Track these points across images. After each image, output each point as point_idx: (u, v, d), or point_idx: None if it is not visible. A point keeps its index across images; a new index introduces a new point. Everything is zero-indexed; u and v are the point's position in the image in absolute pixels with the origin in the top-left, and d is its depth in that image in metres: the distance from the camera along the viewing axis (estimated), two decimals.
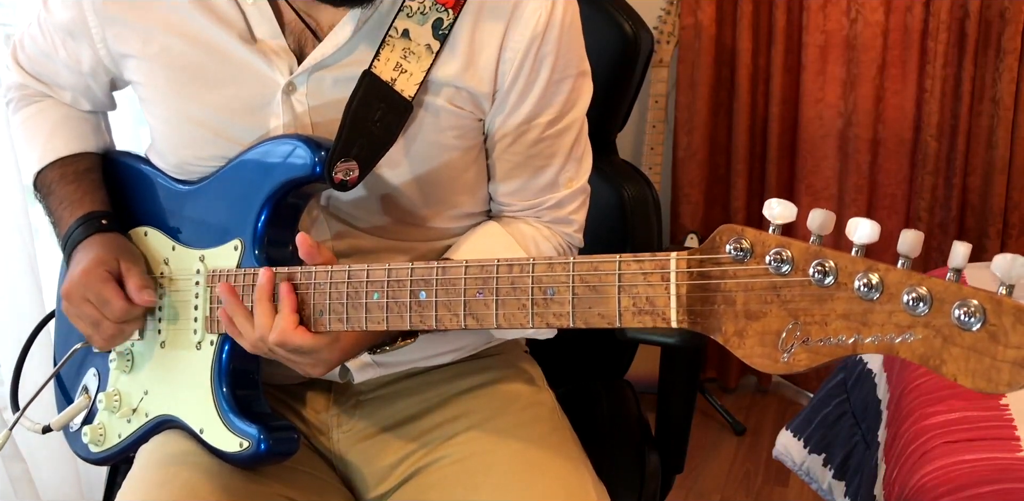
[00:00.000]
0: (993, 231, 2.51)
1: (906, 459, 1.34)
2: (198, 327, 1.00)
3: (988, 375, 0.53)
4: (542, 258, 0.74)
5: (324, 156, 0.92)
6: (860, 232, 0.59)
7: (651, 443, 1.24)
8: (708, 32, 2.59)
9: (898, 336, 0.57)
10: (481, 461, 1.01)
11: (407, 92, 0.95)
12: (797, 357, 0.61)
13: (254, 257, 0.96)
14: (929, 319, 0.55)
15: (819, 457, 1.78)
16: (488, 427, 1.04)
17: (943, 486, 1.20)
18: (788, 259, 0.61)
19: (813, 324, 0.60)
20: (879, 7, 2.47)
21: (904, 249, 0.57)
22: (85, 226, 1.06)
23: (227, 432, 0.97)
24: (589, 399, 1.31)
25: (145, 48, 1.02)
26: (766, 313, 0.62)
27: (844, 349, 0.59)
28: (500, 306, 0.76)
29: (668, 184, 2.75)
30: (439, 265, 0.80)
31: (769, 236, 0.62)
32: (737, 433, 2.57)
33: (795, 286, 0.61)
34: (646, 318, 0.68)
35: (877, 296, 0.57)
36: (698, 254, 0.65)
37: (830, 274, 0.59)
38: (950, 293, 0.55)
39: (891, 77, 2.51)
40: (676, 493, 1.29)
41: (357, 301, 0.85)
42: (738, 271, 0.63)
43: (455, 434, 1.05)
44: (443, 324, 0.80)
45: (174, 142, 1.06)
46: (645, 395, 1.38)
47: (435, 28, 0.96)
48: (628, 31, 1.22)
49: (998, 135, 2.45)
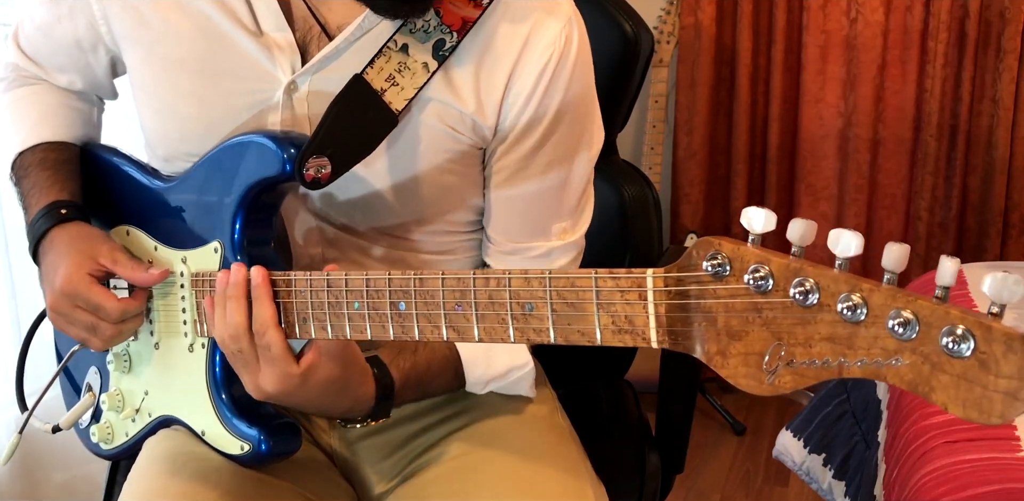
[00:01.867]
0: (993, 231, 2.51)
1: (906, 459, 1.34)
2: (188, 330, 0.99)
3: (979, 405, 0.50)
4: (517, 271, 0.72)
5: (294, 154, 0.90)
6: (843, 245, 0.55)
7: (651, 443, 1.24)
8: (708, 32, 2.59)
9: (885, 361, 0.54)
10: (479, 459, 1.01)
11: (395, 105, 0.93)
12: (782, 379, 0.58)
13: (235, 259, 0.94)
14: (916, 344, 0.52)
15: (819, 457, 1.78)
16: (487, 425, 1.04)
17: (943, 486, 1.20)
18: (768, 276, 0.57)
19: (797, 345, 0.57)
20: (879, 7, 2.47)
21: (889, 264, 0.54)
22: (47, 217, 1.02)
23: (228, 435, 0.96)
24: (589, 399, 1.31)
25: (144, 32, 1.00)
26: (748, 333, 0.59)
27: (829, 372, 0.56)
28: (480, 320, 0.74)
29: (668, 184, 2.75)
30: (416, 276, 0.78)
31: (748, 250, 0.59)
32: (737, 433, 2.57)
33: (777, 306, 0.58)
34: (626, 337, 0.66)
35: (862, 318, 0.54)
36: (675, 271, 0.62)
37: (812, 293, 0.56)
38: (937, 317, 0.51)
39: (891, 77, 2.51)
40: (676, 493, 1.29)
41: (339, 310, 0.83)
42: (718, 289, 0.60)
43: (454, 432, 1.05)
44: (425, 336, 0.78)
45: (162, 134, 1.04)
46: (645, 395, 1.38)
47: (436, 48, 0.94)
48: (628, 31, 1.22)
49: (998, 135, 2.45)
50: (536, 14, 0.96)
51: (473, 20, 0.95)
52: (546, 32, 0.96)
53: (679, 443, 1.24)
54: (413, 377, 0.97)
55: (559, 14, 0.97)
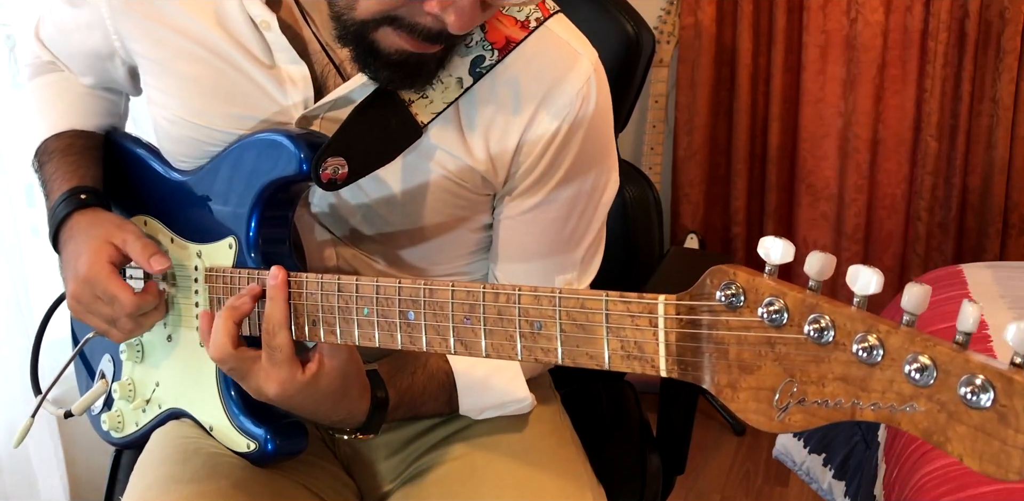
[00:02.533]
0: (993, 231, 2.51)
1: (906, 459, 1.34)
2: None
3: (997, 460, 0.48)
4: (527, 288, 0.71)
5: (311, 154, 0.89)
6: (862, 282, 0.53)
7: (652, 444, 1.24)
8: (708, 32, 2.59)
9: (899, 406, 0.51)
10: (480, 461, 1.01)
11: (421, 118, 0.92)
12: (792, 417, 0.56)
13: (249, 257, 0.95)
14: (933, 391, 0.50)
15: (819, 457, 1.78)
16: (489, 427, 1.04)
17: (943, 486, 1.20)
18: (783, 310, 0.56)
19: (810, 384, 0.55)
20: (879, 7, 2.47)
21: (910, 305, 0.52)
22: (67, 202, 1.02)
23: (235, 432, 0.97)
24: (590, 400, 1.31)
25: (156, 51, 1.00)
26: (760, 367, 0.58)
27: (842, 413, 0.54)
28: (488, 335, 0.73)
29: (668, 184, 2.75)
30: (426, 286, 0.77)
31: (763, 282, 0.57)
32: (737, 433, 2.57)
33: (791, 342, 0.56)
34: (635, 364, 0.65)
35: (878, 361, 0.52)
36: (687, 299, 0.61)
37: (827, 331, 0.54)
38: (956, 365, 0.49)
39: (891, 77, 2.51)
40: (676, 493, 1.28)
41: (348, 316, 0.82)
42: (731, 320, 0.59)
43: (457, 433, 1.05)
44: (433, 348, 0.77)
45: (174, 142, 1.04)
46: (646, 395, 1.38)
47: (474, 64, 0.92)
48: (630, 31, 1.22)
49: (998, 135, 2.45)
50: (555, 72, 0.94)
51: (517, 41, 0.93)
52: (563, 93, 0.93)
53: (680, 444, 1.24)
54: (407, 398, 0.96)
55: (579, 72, 0.94)
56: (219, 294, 0.95)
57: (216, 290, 0.96)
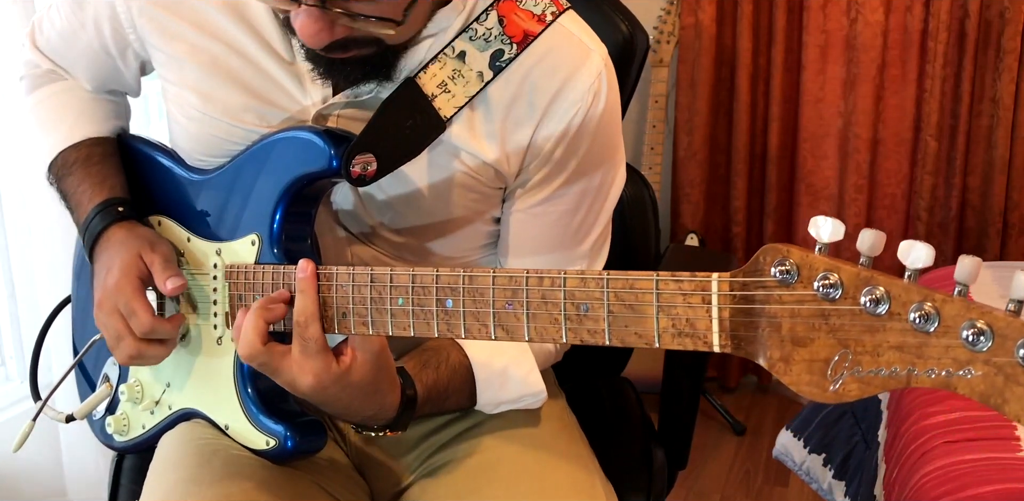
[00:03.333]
0: (993, 231, 2.51)
1: (906, 459, 1.34)
2: (218, 322, 0.99)
3: None
4: (573, 272, 0.72)
5: (342, 150, 0.90)
6: (914, 256, 0.55)
7: (656, 439, 1.24)
8: (708, 32, 2.59)
9: (956, 371, 0.53)
10: (494, 457, 1.01)
11: (444, 112, 0.93)
12: (847, 387, 0.58)
13: (272, 253, 0.94)
14: (990, 355, 0.52)
15: (819, 457, 1.78)
16: (499, 425, 1.04)
17: (943, 486, 1.20)
18: (837, 284, 0.58)
19: (864, 354, 0.57)
20: (879, 7, 2.47)
21: (962, 276, 0.54)
22: (103, 215, 1.02)
23: (253, 430, 0.96)
24: (592, 397, 1.31)
25: (176, 45, 1.00)
26: (814, 340, 0.59)
27: (897, 381, 0.56)
28: (531, 319, 0.73)
29: (668, 184, 2.75)
30: (465, 273, 0.77)
31: (816, 258, 0.59)
32: (737, 433, 2.57)
33: (845, 314, 0.57)
34: (687, 340, 0.65)
35: (933, 328, 0.54)
36: (741, 276, 0.62)
37: (883, 302, 0.56)
38: (1013, 329, 0.51)
39: (891, 77, 2.51)
40: (676, 493, 1.29)
41: (382, 306, 0.82)
42: (784, 295, 0.60)
43: (470, 429, 1.05)
44: (472, 335, 0.77)
45: (192, 140, 1.04)
46: (646, 395, 1.38)
47: (494, 58, 0.93)
48: (624, 31, 1.22)
49: (998, 135, 2.45)
50: (567, 68, 0.96)
51: (535, 34, 0.95)
52: (575, 89, 0.95)
53: (683, 438, 1.24)
54: (434, 393, 0.96)
55: (590, 68, 0.96)
56: (240, 291, 0.95)
57: (237, 286, 0.95)
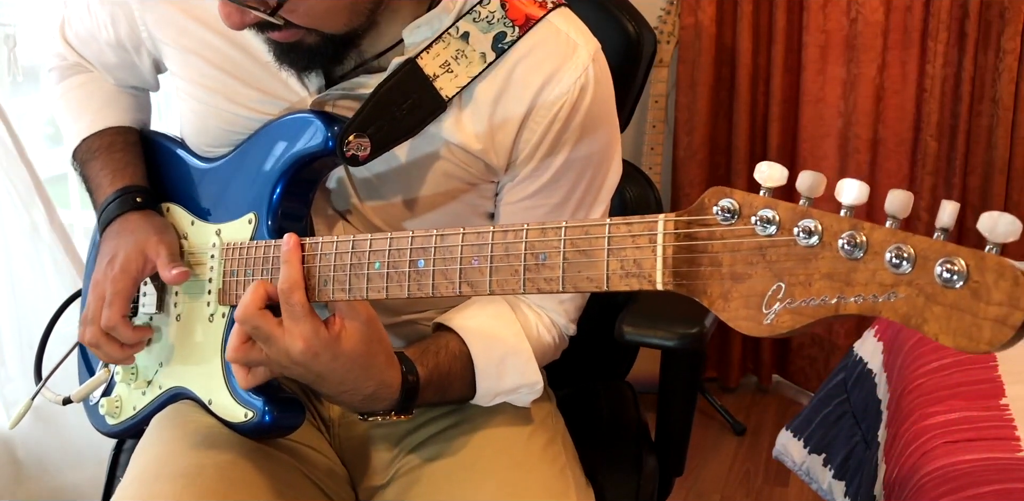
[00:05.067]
0: None
1: (906, 459, 1.34)
2: (211, 299, 1.02)
3: (969, 333, 0.52)
4: (536, 224, 0.74)
5: (337, 131, 0.93)
6: (847, 193, 0.58)
7: (648, 445, 1.24)
8: (708, 32, 2.59)
9: (881, 295, 0.55)
10: (466, 459, 1.02)
11: (446, 92, 0.95)
12: (780, 319, 0.59)
13: (267, 229, 0.98)
14: (912, 277, 0.54)
15: (819, 457, 1.78)
16: (478, 426, 1.06)
17: (943, 486, 1.20)
18: (774, 220, 0.60)
19: (797, 285, 0.59)
20: (879, 7, 2.47)
21: (892, 209, 0.56)
22: (121, 201, 1.07)
23: (233, 403, 0.98)
24: (589, 401, 1.31)
25: (182, 39, 1.04)
26: (751, 275, 0.61)
27: (827, 309, 0.57)
28: (493, 273, 0.76)
29: (668, 184, 2.75)
30: (438, 233, 0.80)
31: (757, 198, 0.61)
32: (737, 433, 2.57)
33: (780, 246, 0.60)
34: (632, 281, 0.67)
35: (861, 255, 0.56)
36: (686, 215, 0.64)
37: (815, 234, 0.58)
38: (934, 250, 0.54)
39: (891, 77, 2.51)
40: (676, 493, 1.28)
41: (360, 271, 0.85)
42: (725, 232, 0.62)
43: (445, 430, 1.06)
44: (439, 291, 0.79)
45: (200, 132, 1.09)
46: (646, 395, 1.38)
47: (496, 40, 0.95)
48: (631, 31, 1.22)
49: (998, 135, 2.45)
50: (553, 62, 0.97)
51: (536, 18, 0.96)
52: (560, 81, 0.96)
53: (679, 447, 1.24)
54: (436, 376, 0.97)
55: (576, 63, 0.97)
56: (233, 266, 0.99)
57: (231, 263, 0.99)
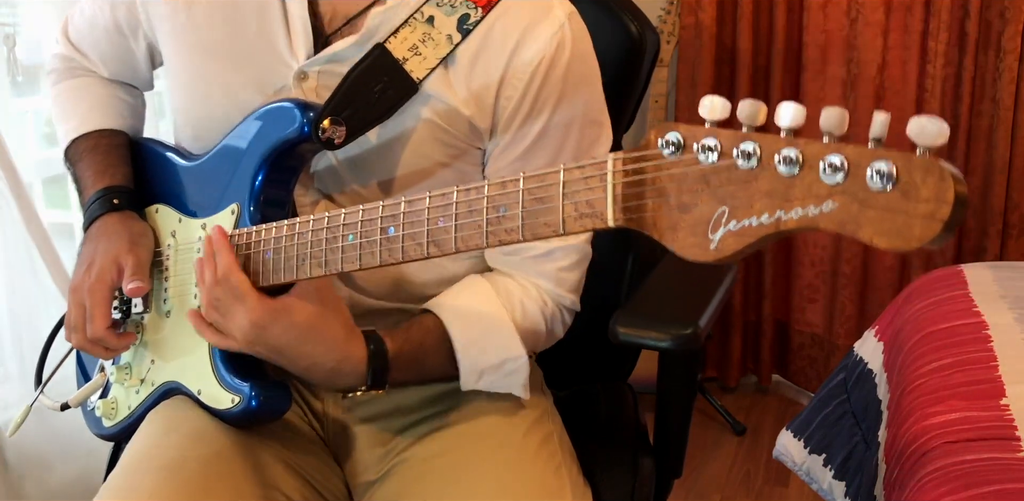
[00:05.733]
0: (993, 231, 2.51)
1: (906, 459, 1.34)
2: (199, 291, 1.02)
3: (901, 233, 0.53)
4: (496, 179, 0.75)
5: (312, 117, 0.95)
6: (784, 116, 0.59)
7: (646, 447, 1.24)
8: (708, 32, 2.59)
9: (818, 207, 0.56)
10: (460, 458, 1.02)
11: (416, 74, 0.97)
12: (725, 242, 0.61)
13: (249, 217, 1.00)
14: (846, 186, 0.55)
15: (819, 457, 1.78)
16: (473, 424, 1.06)
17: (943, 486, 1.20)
18: (716, 147, 0.61)
19: (739, 208, 0.60)
20: (879, 7, 2.47)
21: (827, 126, 0.58)
22: (100, 202, 1.10)
23: (220, 390, 1.00)
24: (588, 402, 1.31)
25: (177, 18, 1.07)
26: (697, 203, 0.62)
27: (767, 228, 0.59)
28: (458, 229, 0.78)
29: None
30: (406, 199, 0.82)
31: (700, 129, 0.62)
32: (737, 433, 2.57)
33: (722, 171, 0.60)
34: (587, 221, 0.69)
35: (797, 171, 0.57)
36: (634, 152, 0.66)
37: (754, 156, 0.59)
38: (863, 156, 0.55)
39: (891, 77, 2.51)
40: (676, 493, 1.28)
41: (335, 245, 0.87)
42: (670, 164, 0.63)
43: (441, 427, 1.06)
44: (408, 255, 0.82)
45: (192, 113, 1.10)
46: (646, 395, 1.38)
47: (460, 22, 0.98)
48: (634, 31, 1.22)
49: (998, 135, 2.45)
50: (529, 19, 0.98)
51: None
52: (537, 38, 0.98)
53: (677, 448, 1.24)
54: (407, 347, 0.99)
55: (552, 20, 0.99)
56: None
57: None
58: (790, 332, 2.78)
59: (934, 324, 1.58)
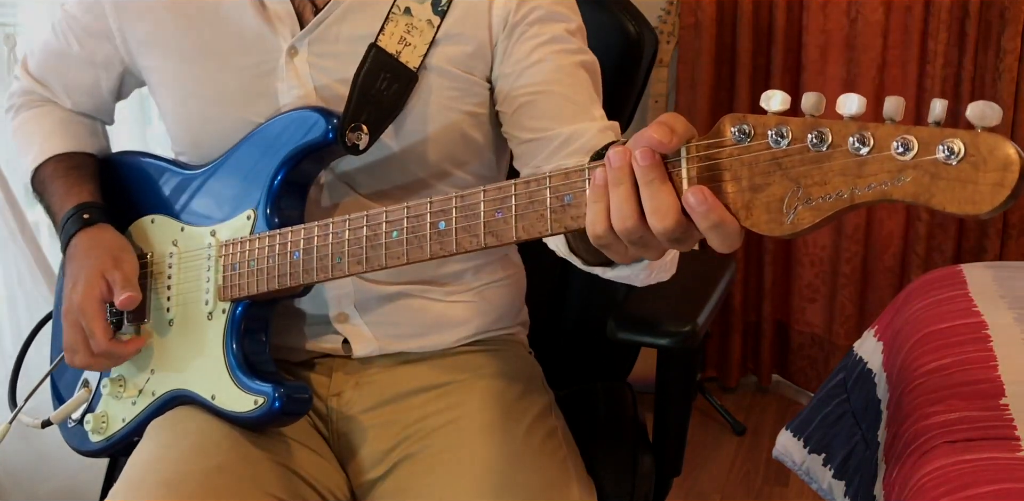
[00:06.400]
0: (993, 231, 2.51)
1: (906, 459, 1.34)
2: (210, 298, 1.03)
3: (972, 199, 0.59)
4: (559, 170, 0.77)
5: (336, 122, 0.98)
6: (849, 105, 0.64)
7: (645, 445, 1.24)
8: (708, 32, 2.59)
9: (891, 180, 0.62)
10: (465, 452, 1.03)
11: (412, 63, 1.02)
12: (800, 216, 0.65)
13: (266, 222, 1.00)
14: (917, 161, 0.61)
15: (819, 457, 1.78)
16: (477, 419, 1.06)
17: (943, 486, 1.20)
18: (787, 134, 0.65)
19: (813, 185, 0.65)
20: (879, 7, 2.47)
21: (890, 113, 0.63)
22: (72, 220, 1.10)
23: (240, 393, 1.00)
24: (588, 401, 1.31)
25: (160, 32, 1.09)
26: (770, 183, 0.66)
27: (843, 201, 0.64)
28: (519, 220, 0.79)
29: None
30: (458, 194, 0.83)
31: (769, 117, 0.67)
32: (737, 433, 2.57)
33: (794, 154, 0.65)
34: None
35: (869, 150, 0.62)
36: (705, 140, 0.70)
37: (826, 139, 0.64)
38: (934, 136, 0.61)
39: (891, 77, 2.51)
40: (676, 492, 1.28)
41: (376, 242, 0.89)
42: (742, 150, 0.68)
43: (445, 424, 1.07)
44: (463, 247, 0.83)
45: (188, 121, 1.11)
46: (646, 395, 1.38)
47: (435, 5, 1.03)
48: (632, 31, 1.22)
49: None
50: None
51: None
52: None
53: (676, 447, 1.24)
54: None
55: None
56: (234, 261, 1.02)
57: (231, 257, 1.02)
58: (790, 332, 2.78)
59: (934, 324, 1.58)
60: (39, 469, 1.76)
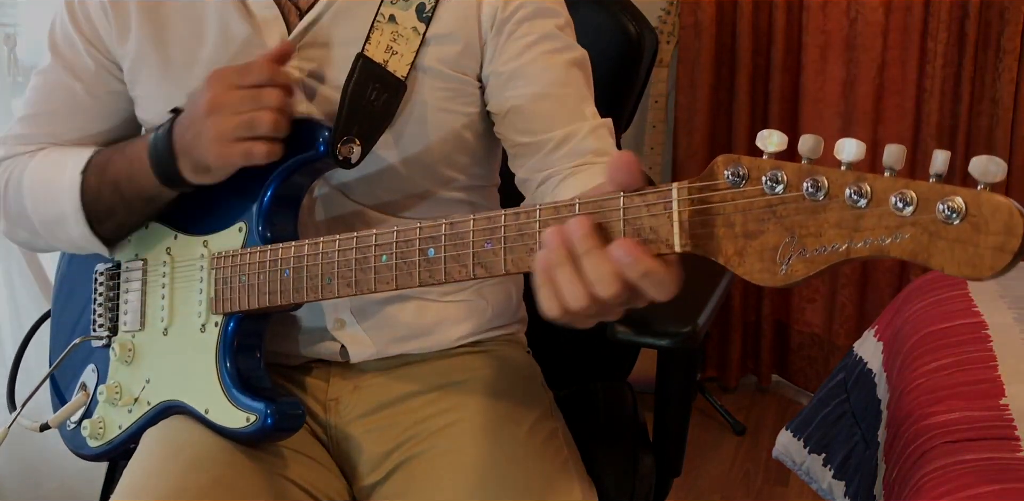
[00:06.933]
0: None
1: (906, 459, 1.34)
2: (203, 310, 1.02)
3: (972, 262, 0.56)
4: (547, 203, 0.75)
5: (328, 136, 0.96)
6: (847, 151, 0.62)
7: (644, 445, 1.24)
8: (708, 32, 2.59)
9: (888, 237, 0.59)
10: (466, 455, 1.02)
11: (399, 72, 1.00)
12: (794, 268, 0.63)
13: (258, 236, 0.99)
14: (916, 218, 0.59)
15: (819, 457, 1.78)
16: (477, 421, 1.06)
17: (943, 486, 1.20)
18: (782, 179, 0.63)
19: (808, 236, 0.62)
20: (879, 7, 2.47)
21: (890, 162, 0.61)
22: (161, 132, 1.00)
23: (233, 408, 0.98)
24: (587, 401, 1.31)
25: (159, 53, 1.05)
26: (764, 231, 0.64)
27: (838, 255, 0.62)
28: (508, 252, 0.78)
29: None
30: (447, 221, 0.82)
31: (764, 161, 0.65)
32: (737, 433, 2.57)
33: (790, 202, 0.63)
34: (651, 246, 0.70)
35: (866, 203, 0.60)
36: (698, 182, 0.68)
37: (822, 188, 0.62)
38: (934, 192, 0.58)
39: (891, 77, 2.51)
40: (676, 492, 1.28)
41: (366, 265, 0.88)
42: (736, 194, 0.66)
43: (445, 426, 1.06)
44: (452, 277, 0.81)
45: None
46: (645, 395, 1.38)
47: (419, 12, 1.02)
48: (632, 31, 1.22)
49: (998, 135, 2.45)
50: None
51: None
52: None
53: (676, 447, 1.24)
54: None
55: None
56: (226, 274, 1.00)
57: (223, 271, 1.00)
58: (790, 332, 2.78)
59: (933, 324, 1.58)
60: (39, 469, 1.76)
